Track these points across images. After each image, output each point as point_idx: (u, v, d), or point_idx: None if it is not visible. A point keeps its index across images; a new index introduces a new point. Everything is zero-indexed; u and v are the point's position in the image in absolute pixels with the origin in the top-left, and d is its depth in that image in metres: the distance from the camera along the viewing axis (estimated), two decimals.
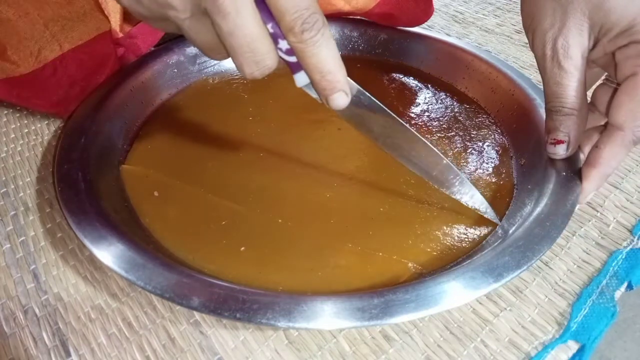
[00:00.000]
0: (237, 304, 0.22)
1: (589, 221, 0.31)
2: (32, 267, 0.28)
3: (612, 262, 0.28)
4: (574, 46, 0.28)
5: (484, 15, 0.54)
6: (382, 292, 0.23)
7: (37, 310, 0.26)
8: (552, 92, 0.29)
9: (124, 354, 0.25)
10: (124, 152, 0.35)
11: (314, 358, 0.25)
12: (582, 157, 0.31)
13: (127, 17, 0.40)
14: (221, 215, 0.30)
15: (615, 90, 0.29)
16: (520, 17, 0.36)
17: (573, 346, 0.25)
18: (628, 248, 0.29)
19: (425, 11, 0.43)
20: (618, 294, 0.27)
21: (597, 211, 0.32)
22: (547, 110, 0.30)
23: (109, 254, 0.25)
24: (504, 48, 0.48)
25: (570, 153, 0.30)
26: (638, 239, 0.30)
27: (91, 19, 0.37)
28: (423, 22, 0.44)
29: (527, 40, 0.33)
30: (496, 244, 0.27)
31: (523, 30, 0.32)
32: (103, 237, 0.26)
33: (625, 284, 0.27)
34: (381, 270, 0.27)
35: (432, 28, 0.52)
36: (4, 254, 0.29)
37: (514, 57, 0.47)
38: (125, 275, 0.24)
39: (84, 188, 0.29)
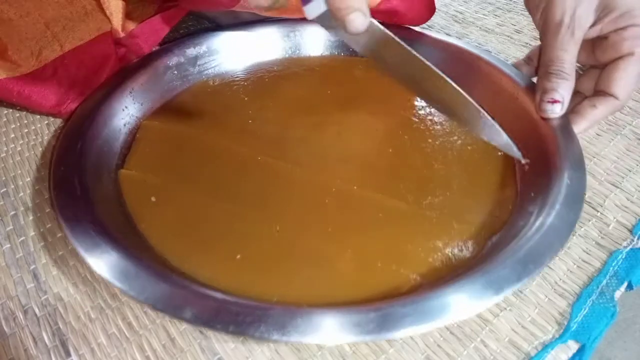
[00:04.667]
0: (230, 317, 0.22)
1: (589, 221, 0.31)
2: (32, 267, 0.28)
3: (612, 262, 0.28)
4: (585, 19, 0.31)
5: (484, 15, 0.54)
6: (378, 306, 0.23)
7: (37, 310, 0.26)
8: (557, 57, 0.32)
9: (123, 354, 0.25)
10: (122, 156, 0.34)
11: (314, 358, 0.25)
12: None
13: (129, 16, 0.40)
14: (218, 221, 0.30)
15: (590, 69, 0.34)
16: (520, 17, 0.36)
17: (573, 346, 0.25)
18: (628, 248, 0.29)
19: (429, 8, 0.43)
20: (618, 294, 0.27)
21: (597, 211, 0.32)
22: (546, 72, 0.33)
23: (102, 262, 0.24)
24: (504, 48, 0.48)
25: (563, 112, 0.33)
26: (638, 239, 0.30)
27: (92, 19, 0.37)
28: (427, 19, 0.44)
29: (527, 40, 0.34)
30: (497, 253, 0.26)
31: (523, 31, 0.33)
32: (97, 245, 0.25)
33: (625, 284, 0.27)
34: (380, 281, 0.27)
35: (432, 28, 0.52)
36: (4, 254, 0.29)
37: (514, 57, 0.47)
38: (117, 285, 0.23)
39: (80, 193, 0.28)
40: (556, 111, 0.33)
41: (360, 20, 0.23)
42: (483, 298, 0.23)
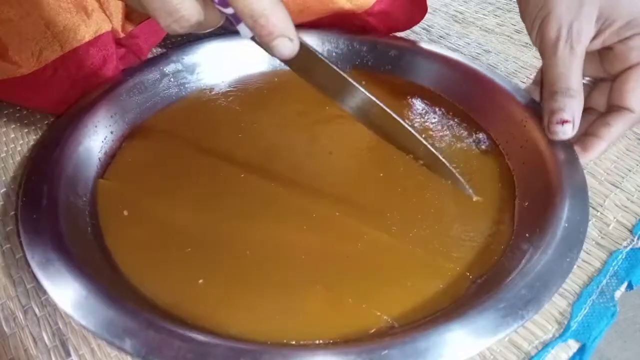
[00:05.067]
0: (171, 351, 0.21)
1: (589, 221, 0.31)
2: (32, 269, 0.28)
3: (612, 262, 0.28)
4: (585, 32, 0.30)
5: (484, 15, 0.54)
6: (329, 349, 0.22)
7: (37, 310, 0.26)
8: (560, 74, 0.30)
9: (123, 354, 0.25)
10: (105, 165, 0.33)
11: None
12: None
13: (129, 16, 0.40)
14: (187, 241, 0.29)
15: (600, 82, 0.33)
16: (519, 17, 0.36)
17: (573, 345, 0.25)
18: (628, 248, 0.29)
19: (420, 8, 0.44)
20: (618, 294, 0.27)
21: (597, 211, 0.32)
22: (551, 92, 0.31)
23: (52, 280, 0.24)
24: (504, 48, 0.48)
25: (575, 133, 0.31)
26: (638, 239, 0.30)
27: (92, 20, 0.37)
28: (418, 21, 0.44)
29: (527, 40, 0.34)
30: (477, 300, 0.24)
31: (523, 31, 0.33)
32: (50, 262, 0.25)
33: (625, 284, 0.27)
34: (348, 320, 0.25)
35: (432, 28, 0.52)
36: (4, 254, 0.29)
37: (514, 57, 0.47)
38: (62, 308, 0.23)
39: (46, 205, 0.28)
40: (567, 132, 0.30)
41: (286, 45, 0.21)
42: (454, 351, 0.21)
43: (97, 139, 0.34)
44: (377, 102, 0.28)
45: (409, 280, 0.27)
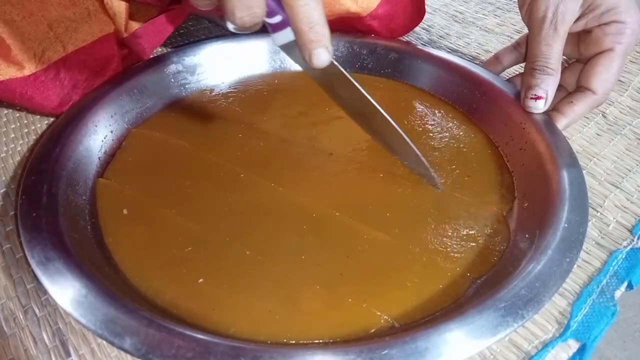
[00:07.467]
0: (170, 350, 0.21)
1: (589, 221, 0.31)
2: (32, 267, 0.28)
3: (612, 262, 0.28)
4: (569, 14, 0.32)
5: (484, 15, 0.55)
6: (328, 348, 0.22)
7: (37, 310, 0.26)
8: (541, 52, 0.33)
9: (123, 354, 0.25)
10: (104, 164, 0.33)
11: None
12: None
13: (133, 17, 0.40)
14: (187, 240, 0.29)
15: (574, 63, 0.36)
16: (520, 17, 0.36)
17: (573, 345, 0.25)
18: (628, 248, 0.29)
19: (419, 11, 0.44)
20: (618, 294, 0.27)
21: (597, 211, 0.32)
22: (531, 68, 0.34)
23: (52, 279, 0.24)
24: None
25: (547, 108, 0.34)
26: (638, 239, 0.30)
27: (95, 21, 0.37)
28: (417, 25, 0.45)
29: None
30: (477, 301, 0.24)
31: (523, 31, 0.33)
32: (50, 261, 0.25)
33: (625, 284, 0.27)
34: (347, 320, 0.25)
35: (432, 28, 0.52)
36: (4, 254, 0.29)
37: None
38: (62, 306, 0.23)
39: (46, 203, 0.28)
40: (539, 107, 0.34)
41: (324, 55, 0.24)
42: (454, 350, 0.21)
43: (97, 138, 0.34)
44: (391, 122, 0.31)
45: (409, 280, 0.27)
